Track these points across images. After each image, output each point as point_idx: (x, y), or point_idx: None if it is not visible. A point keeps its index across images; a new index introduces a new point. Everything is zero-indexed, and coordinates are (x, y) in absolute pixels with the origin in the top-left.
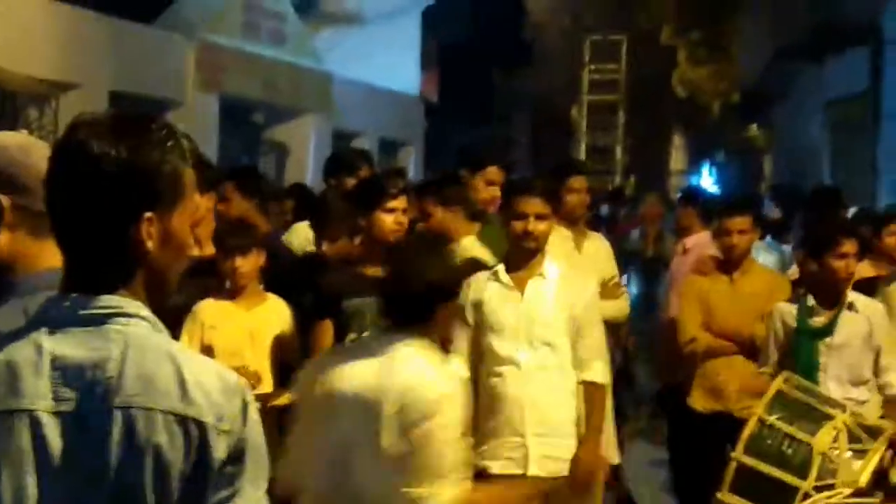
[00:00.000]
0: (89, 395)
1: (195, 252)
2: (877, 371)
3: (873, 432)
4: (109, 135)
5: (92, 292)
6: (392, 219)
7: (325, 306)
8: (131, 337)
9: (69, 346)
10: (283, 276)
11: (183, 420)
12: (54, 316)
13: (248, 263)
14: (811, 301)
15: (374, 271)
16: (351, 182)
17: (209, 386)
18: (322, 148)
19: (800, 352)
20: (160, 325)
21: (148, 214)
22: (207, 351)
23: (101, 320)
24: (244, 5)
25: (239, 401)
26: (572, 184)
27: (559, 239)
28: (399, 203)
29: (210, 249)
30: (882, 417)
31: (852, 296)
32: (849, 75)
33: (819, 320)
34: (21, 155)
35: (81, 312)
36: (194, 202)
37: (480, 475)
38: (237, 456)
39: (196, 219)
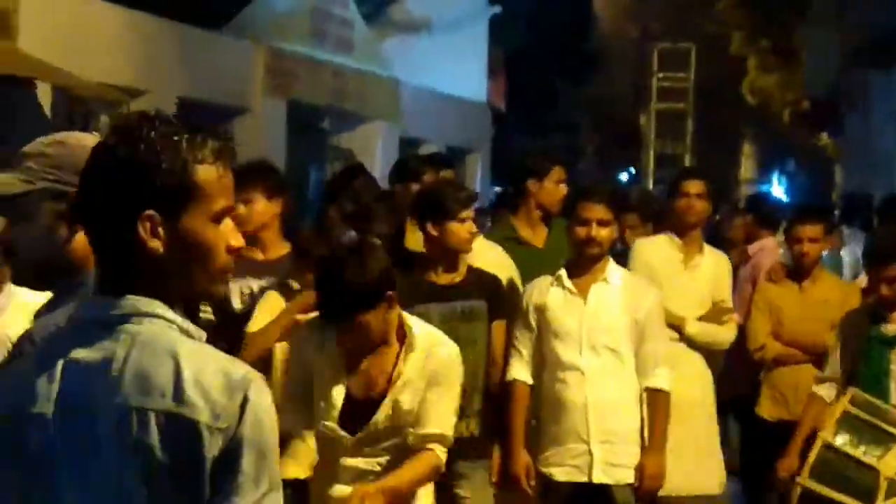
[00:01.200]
0: (92, 396)
1: (259, 256)
2: None
3: None
4: (120, 134)
5: (114, 294)
6: (466, 228)
7: None
8: (139, 336)
9: (85, 348)
10: None
11: (175, 418)
12: (81, 318)
13: None
14: (882, 310)
15: (446, 279)
16: (415, 187)
17: (208, 384)
18: (389, 155)
19: (870, 359)
20: (183, 323)
21: (148, 212)
22: None
23: (117, 321)
24: (312, 12)
25: (240, 397)
26: (686, 187)
27: (666, 249)
28: (469, 213)
29: (277, 252)
30: None
31: None
32: None
33: (890, 328)
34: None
35: (100, 314)
36: (222, 202)
37: (545, 483)
38: (234, 454)
39: (256, 222)
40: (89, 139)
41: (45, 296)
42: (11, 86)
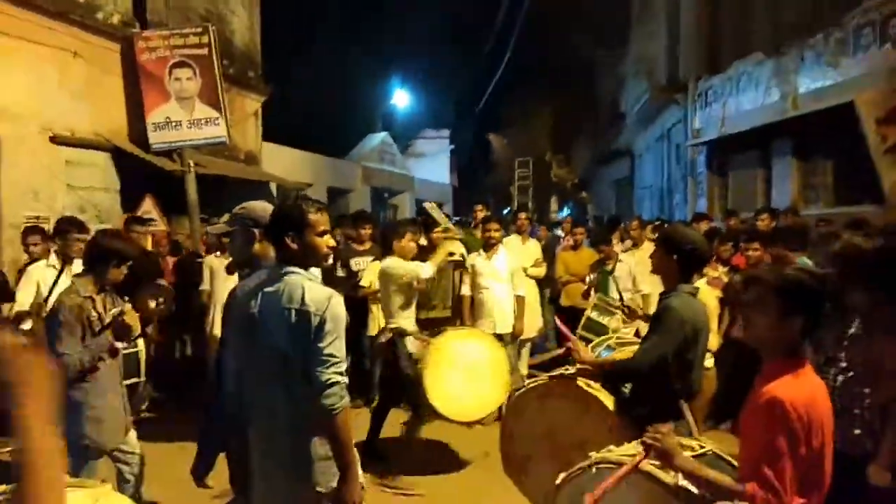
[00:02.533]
0: (271, 302)
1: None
2: None
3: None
4: (279, 204)
5: (281, 265)
6: (434, 236)
7: None
8: (289, 279)
9: (269, 285)
10: None
11: (301, 311)
12: (270, 273)
13: None
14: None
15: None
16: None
17: (314, 296)
18: (412, 206)
19: (604, 279)
20: (308, 274)
21: (290, 234)
22: None
23: (282, 274)
24: (380, 151)
25: (327, 302)
26: (519, 216)
27: (518, 241)
28: (440, 229)
29: (367, 247)
30: None
31: None
32: None
33: (609, 266)
34: (267, 211)
35: (275, 272)
36: (321, 228)
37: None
38: (323, 324)
39: (363, 236)
40: (258, 206)
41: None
42: (259, 184)
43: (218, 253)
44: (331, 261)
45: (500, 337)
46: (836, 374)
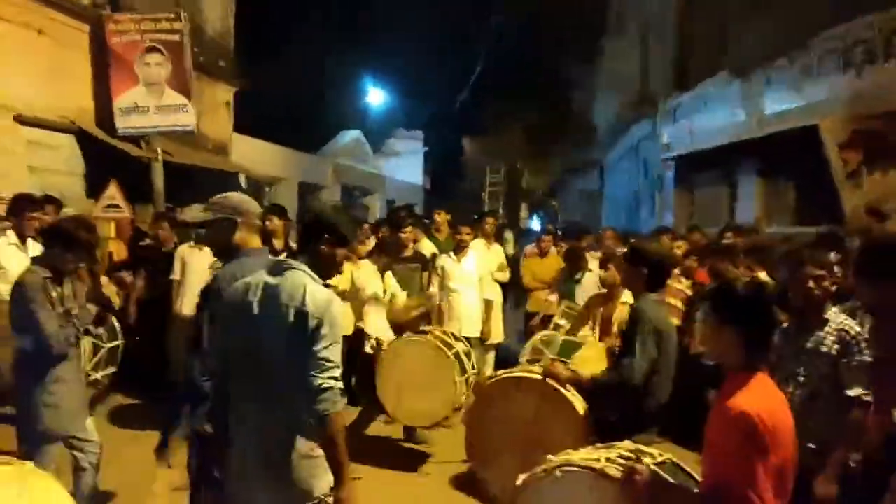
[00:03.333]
0: (271, 299)
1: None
2: None
3: None
4: (310, 211)
5: (284, 260)
6: (406, 236)
7: None
8: (292, 276)
9: (271, 278)
10: None
11: (300, 310)
12: (271, 267)
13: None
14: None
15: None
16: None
17: (315, 297)
18: (383, 207)
19: (568, 286)
20: (311, 273)
21: (330, 242)
22: None
23: (285, 269)
24: (353, 147)
25: (326, 304)
26: (485, 219)
27: (483, 246)
28: (410, 229)
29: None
30: None
31: None
32: None
33: (578, 276)
34: (248, 204)
35: (278, 265)
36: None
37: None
38: (321, 326)
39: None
40: (236, 196)
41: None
42: (228, 175)
43: (192, 243)
44: None
45: (467, 340)
46: (793, 389)
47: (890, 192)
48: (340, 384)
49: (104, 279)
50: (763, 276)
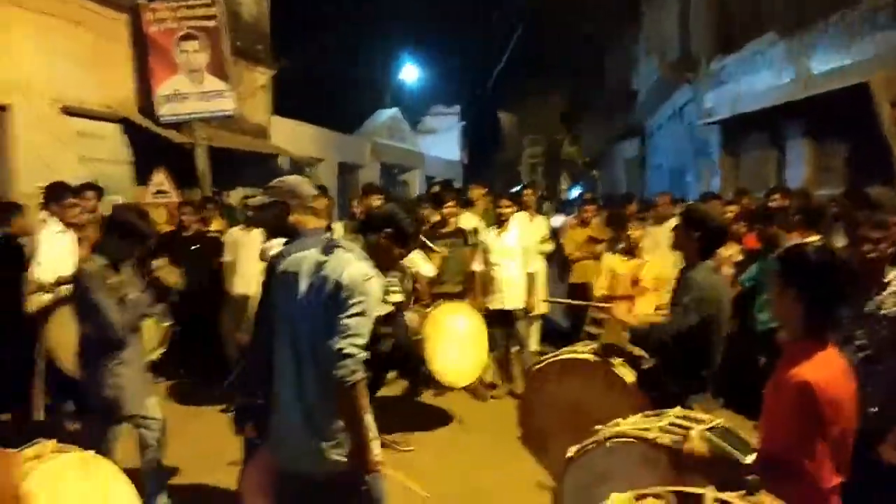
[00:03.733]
0: (317, 273)
1: None
2: None
3: None
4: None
5: (336, 241)
6: (446, 211)
7: None
8: (339, 254)
9: (322, 255)
10: None
11: (339, 282)
12: (324, 246)
13: None
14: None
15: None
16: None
17: (355, 273)
18: (422, 183)
19: None
20: (360, 253)
21: (391, 237)
22: None
23: (334, 247)
24: (390, 127)
25: (363, 278)
26: (525, 192)
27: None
28: (452, 204)
29: None
30: None
31: None
32: None
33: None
34: (302, 187)
35: (330, 245)
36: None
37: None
38: (350, 296)
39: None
40: (292, 179)
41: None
42: (268, 157)
43: (242, 226)
44: None
45: (510, 313)
46: (852, 352)
47: None
48: (362, 354)
49: (162, 261)
50: (814, 240)
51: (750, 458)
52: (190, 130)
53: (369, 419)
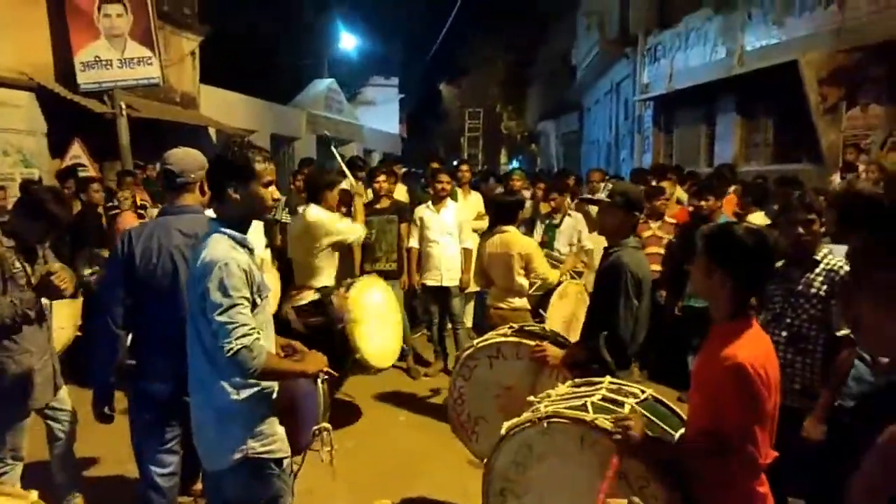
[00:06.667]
0: (193, 261)
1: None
2: None
3: None
4: (227, 147)
5: (217, 222)
6: (377, 186)
7: None
8: (213, 239)
9: (201, 240)
10: None
11: (197, 275)
12: (208, 230)
13: None
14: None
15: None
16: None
17: (209, 258)
18: (361, 156)
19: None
20: (233, 238)
21: (233, 184)
22: None
23: (211, 233)
24: (327, 98)
25: (216, 265)
26: (461, 166)
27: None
28: (383, 179)
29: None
30: None
31: None
32: None
33: (556, 219)
34: (188, 156)
35: (210, 228)
36: (267, 178)
37: (423, 285)
38: (208, 291)
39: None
40: (175, 151)
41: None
42: (197, 129)
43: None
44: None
45: (446, 290)
46: (780, 330)
47: (868, 128)
48: (250, 339)
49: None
50: (759, 217)
51: (678, 433)
52: (112, 100)
53: (287, 363)
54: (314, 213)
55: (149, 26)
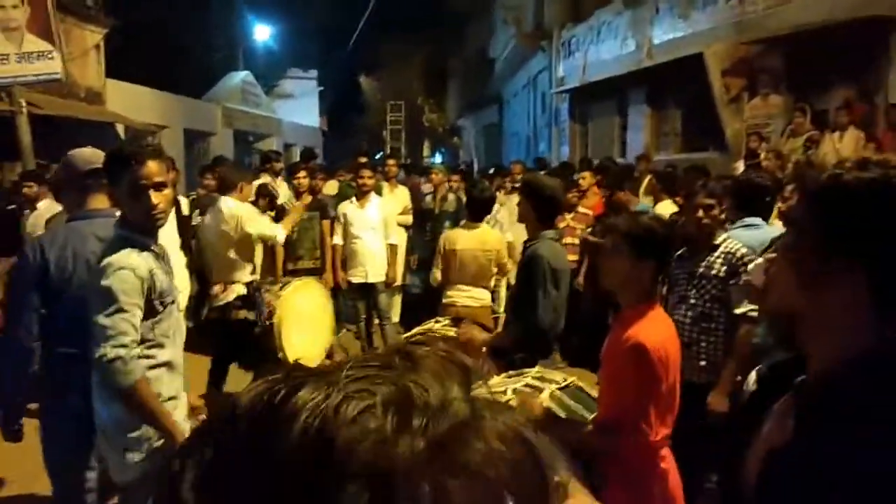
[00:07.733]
0: (90, 266)
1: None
2: None
3: None
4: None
5: (119, 226)
6: (296, 182)
7: None
8: (111, 242)
9: (102, 245)
10: None
11: (91, 280)
12: (113, 234)
13: None
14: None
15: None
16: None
17: (103, 263)
18: (280, 150)
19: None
20: (131, 242)
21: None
22: None
23: (112, 238)
24: (243, 91)
25: (108, 269)
26: (388, 162)
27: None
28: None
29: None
30: None
31: None
32: None
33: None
34: (94, 156)
35: (112, 233)
36: (150, 181)
37: (348, 282)
38: (97, 293)
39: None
40: (75, 152)
41: None
42: (104, 125)
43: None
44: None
45: (372, 286)
46: (686, 311)
47: (769, 116)
48: (130, 352)
49: None
50: (668, 204)
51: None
52: (10, 97)
53: (163, 407)
54: (230, 203)
55: (48, 18)
